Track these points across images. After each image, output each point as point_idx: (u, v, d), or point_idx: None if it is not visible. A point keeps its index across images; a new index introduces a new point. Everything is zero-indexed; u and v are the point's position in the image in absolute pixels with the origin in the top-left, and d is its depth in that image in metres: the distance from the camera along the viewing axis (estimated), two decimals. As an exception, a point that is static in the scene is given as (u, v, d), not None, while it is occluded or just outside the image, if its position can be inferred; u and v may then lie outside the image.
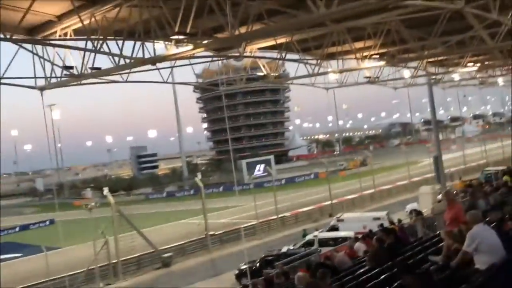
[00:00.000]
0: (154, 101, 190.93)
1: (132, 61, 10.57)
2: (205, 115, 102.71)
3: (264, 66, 17.80)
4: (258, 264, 20.80)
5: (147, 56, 10.77)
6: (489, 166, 39.55)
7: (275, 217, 34.96)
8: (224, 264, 25.00)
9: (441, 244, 8.60)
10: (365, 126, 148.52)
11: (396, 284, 6.03)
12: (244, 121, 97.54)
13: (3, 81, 11.91)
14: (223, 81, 21.78)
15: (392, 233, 11.00)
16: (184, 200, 59.89)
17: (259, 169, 71.84)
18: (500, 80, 35.10)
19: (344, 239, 22.02)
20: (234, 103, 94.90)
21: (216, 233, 31.48)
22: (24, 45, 11.40)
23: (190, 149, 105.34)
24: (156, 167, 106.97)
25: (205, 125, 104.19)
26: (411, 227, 16.84)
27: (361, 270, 9.37)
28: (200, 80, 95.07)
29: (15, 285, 24.04)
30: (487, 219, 6.78)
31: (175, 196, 71.48)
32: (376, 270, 8.25)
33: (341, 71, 17.28)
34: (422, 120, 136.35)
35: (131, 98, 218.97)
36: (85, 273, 24.88)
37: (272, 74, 17.02)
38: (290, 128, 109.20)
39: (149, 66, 12.51)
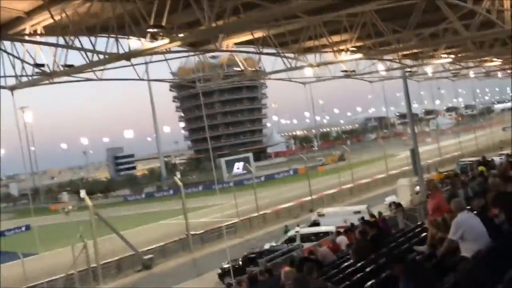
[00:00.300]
0: (130, 102, 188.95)
1: (106, 56, 10.23)
2: (182, 114, 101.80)
3: (241, 62, 17.62)
4: (241, 262, 20.65)
5: (121, 52, 10.46)
6: (464, 157, 40.48)
7: (256, 214, 34.89)
8: (206, 263, 24.80)
9: (424, 234, 8.66)
10: (342, 121, 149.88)
11: (383, 275, 6.00)
12: (221, 119, 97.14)
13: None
14: (200, 78, 21.46)
15: (374, 225, 11.05)
16: (163, 201, 59.28)
17: (238, 167, 71.69)
18: (471, 73, 35.81)
19: (326, 233, 22.13)
20: (211, 101, 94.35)
21: (197, 232, 31.21)
22: (-9, 43, 10.95)
23: (167, 149, 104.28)
24: (133, 168, 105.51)
25: (182, 124, 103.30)
26: (392, 219, 17.05)
27: (346, 264, 9.37)
28: (176, 79, 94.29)
29: (-10, 294, 23.35)
30: (469, 207, 6.81)
31: (154, 196, 70.68)
32: (361, 263, 8.23)
33: (318, 65, 17.26)
34: (397, 114, 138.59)
35: (106, 98, 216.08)
36: (64, 278, 24.27)
37: (250, 69, 16.85)
38: (268, 125, 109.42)
39: (124, 63, 12.17)
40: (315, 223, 26.22)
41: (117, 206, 58.70)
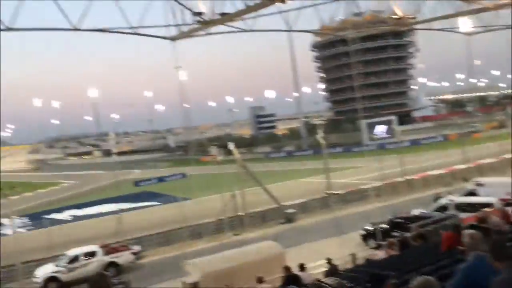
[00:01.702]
0: (271, 62, 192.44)
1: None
2: (322, 75, 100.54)
3: (396, 8, 16.09)
4: (387, 226, 19.87)
5: None
6: None
7: (401, 179, 33.10)
8: (348, 223, 24.36)
9: None
10: (504, 85, 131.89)
11: None
12: (364, 80, 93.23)
13: (137, 31, 12.34)
14: (348, 27, 20.36)
15: None
16: (302, 160, 60.17)
17: (380, 130, 68.90)
18: None
19: (484, 205, 19.81)
20: (354, 61, 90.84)
21: (338, 192, 30.97)
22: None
23: (307, 109, 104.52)
24: (274, 127, 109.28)
25: (322, 85, 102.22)
26: None
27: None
28: (318, 39, 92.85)
29: (159, 227, 26.57)
30: None
31: (293, 155, 72.28)
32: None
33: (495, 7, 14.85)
34: None
35: (248, 59, 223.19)
36: (214, 223, 26.46)
37: (406, 16, 15.31)
38: (414, 87, 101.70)
39: (274, 9, 11.94)
40: (471, 193, 23.76)
41: (259, 162, 61.40)
